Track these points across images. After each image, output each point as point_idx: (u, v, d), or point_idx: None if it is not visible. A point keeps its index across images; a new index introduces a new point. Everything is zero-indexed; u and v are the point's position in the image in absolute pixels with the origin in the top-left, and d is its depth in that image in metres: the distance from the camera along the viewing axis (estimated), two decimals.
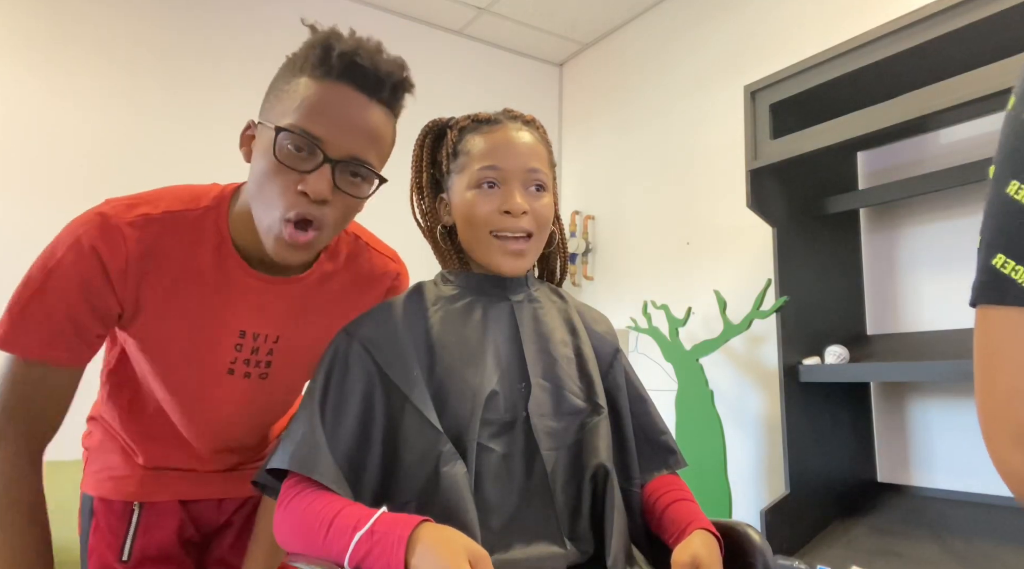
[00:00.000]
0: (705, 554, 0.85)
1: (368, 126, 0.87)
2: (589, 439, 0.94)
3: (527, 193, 0.96)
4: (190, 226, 0.93)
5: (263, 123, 0.89)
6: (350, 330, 0.95)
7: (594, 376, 1.00)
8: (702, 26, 2.81)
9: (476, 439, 0.87)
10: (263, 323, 1.00)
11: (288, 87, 0.87)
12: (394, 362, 0.91)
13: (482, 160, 0.95)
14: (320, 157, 0.84)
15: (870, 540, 1.82)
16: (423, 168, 1.04)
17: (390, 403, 0.89)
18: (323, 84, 0.85)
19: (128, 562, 1.07)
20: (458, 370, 0.91)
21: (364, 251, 1.08)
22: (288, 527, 0.84)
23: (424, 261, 1.18)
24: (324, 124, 0.84)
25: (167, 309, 0.94)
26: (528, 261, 0.98)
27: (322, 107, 0.84)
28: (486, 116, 1.01)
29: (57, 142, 2.31)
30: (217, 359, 0.99)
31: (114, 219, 0.89)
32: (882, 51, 1.72)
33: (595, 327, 1.08)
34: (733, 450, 2.29)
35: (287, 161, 0.84)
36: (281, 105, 0.86)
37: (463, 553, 0.71)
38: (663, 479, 1.03)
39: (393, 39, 3.34)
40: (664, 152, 2.92)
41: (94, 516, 1.09)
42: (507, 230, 0.94)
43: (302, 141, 0.84)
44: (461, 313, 0.97)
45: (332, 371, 0.92)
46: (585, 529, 0.91)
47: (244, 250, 0.96)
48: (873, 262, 2.17)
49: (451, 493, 0.83)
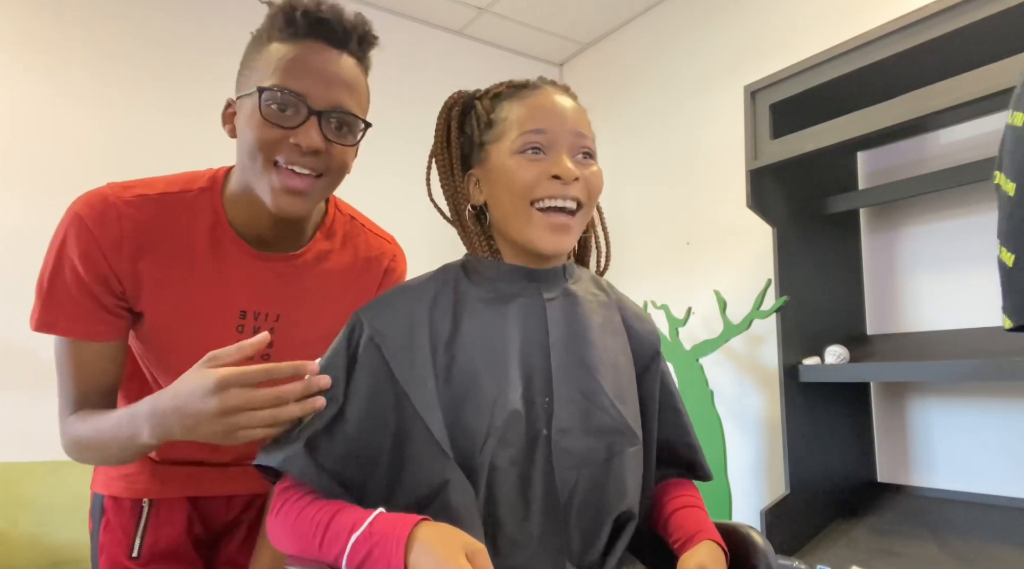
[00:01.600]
0: (711, 565, 0.84)
1: (344, 76, 0.90)
2: (617, 473, 0.87)
3: (575, 160, 0.87)
4: (186, 206, 0.96)
5: (243, 95, 0.91)
6: (364, 317, 0.86)
7: (629, 395, 0.92)
8: (702, 26, 2.81)
9: (488, 462, 0.81)
10: (262, 302, 1.01)
11: (260, 56, 0.90)
12: (404, 360, 0.83)
13: (524, 124, 0.86)
14: (305, 111, 0.87)
15: (870, 540, 1.82)
16: (450, 143, 0.93)
17: (399, 410, 0.83)
18: (294, 44, 0.88)
19: (138, 559, 1.07)
20: (476, 376, 0.83)
21: (361, 232, 1.10)
22: (283, 531, 0.81)
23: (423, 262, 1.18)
24: (304, 79, 0.87)
25: (166, 289, 0.96)
26: (572, 239, 0.88)
27: (298, 64, 0.87)
28: (522, 81, 0.93)
29: (57, 141, 2.31)
30: (219, 342, 0.99)
31: (111, 197, 0.93)
32: (882, 51, 1.72)
33: (637, 325, 1.01)
34: (733, 450, 2.29)
35: (274, 119, 0.87)
36: (257, 73, 0.89)
37: (460, 548, 0.70)
38: (677, 482, 1.01)
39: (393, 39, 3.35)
40: (664, 152, 2.92)
41: (104, 514, 1.10)
42: (556, 197, 0.85)
43: (286, 98, 0.87)
44: (485, 310, 0.88)
45: (340, 366, 0.86)
46: (594, 562, 0.88)
47: (240, 228, 0.98)
48: (873, 262, 2.17)
49: (458, 521, 0.78)
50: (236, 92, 0.94)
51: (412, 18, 3.14)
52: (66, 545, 1.78)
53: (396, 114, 2.97)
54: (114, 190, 0.94)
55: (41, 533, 1.78)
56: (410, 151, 1.08)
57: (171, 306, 0.96)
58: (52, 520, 1.79)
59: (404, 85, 3.06)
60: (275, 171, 0.89)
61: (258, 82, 0.88)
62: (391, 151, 2.83)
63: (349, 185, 1.49)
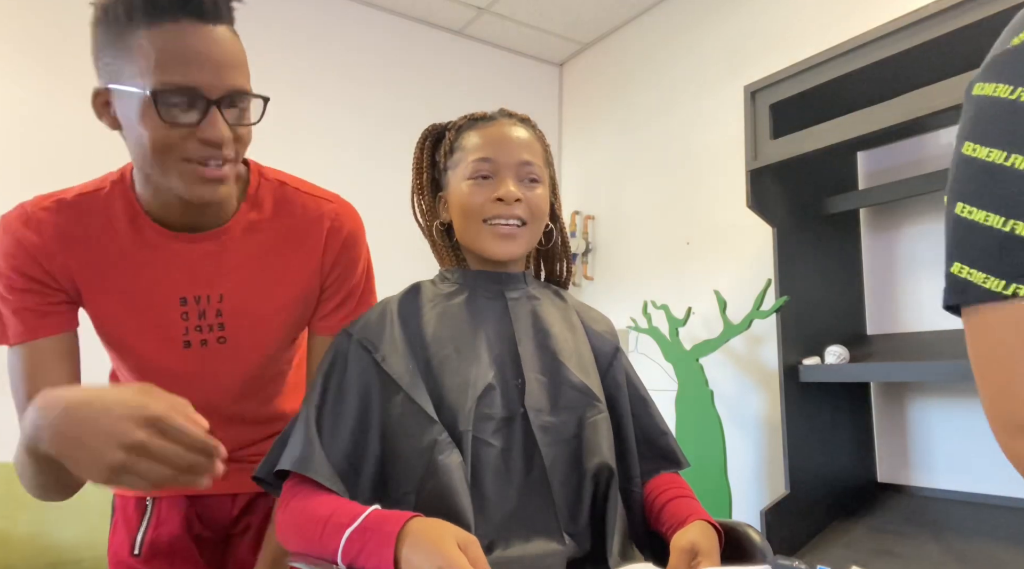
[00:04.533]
0: (703, 541, 0.86)
1: (227, 54, 0.85)
2: (590, 436, 0.94)
3: (521, 184, 0.98)
4: (102, 203, 0.96)
5: (118, 88, 0.85)
6: (349, 330, 0.97)
7: (591, 372, 1.00)
8: (702, 26, 2.81)
9: (471, 429, 0.88)
10: (199, 285, 1.00)
11: (128, 44, 0.82)
12: (391, 358, 0.93)
13: (476, 152, 0.99)
14: (203, 103, 0.84)
15: (870, 540, 1.82)
16: (423, 169, 1.07)
17: (387, 398, 0.91)
18: (163, 28, 0.81)
19: (139, 556, 1.09)
20: (453, 364, 0.93)
21: (292, 196, 1.05)
22: (288, 527, 0.86)
23: (427, 263, 1.18)
24: (191, 69, 0.82)
25: (102, 288, 0.96)
26: (519, 246, 0.99)
27: (179, 53, 0.81)
28: (482, 114, 1.05)
29: (57, 141, 2.32)
30: (168, 333, 1.00)
31: (30, 207, 0.94)
32: (882, 51, 1.72)
33: (595, 326, 1.08)
34: (733, 450, 2.29)
35: (173, 119, 0.83)
36: (130, 65, 0.83)
37: (451, 539, 0.73)
38: (664, 477, 1.04)
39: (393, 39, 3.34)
40: (664, 152, 2.92)
41: (115, 512, 1.14)
42: (501, 216, 0.96)
43: (180, 97, 0.82)
44: (457, 309, 0.98)
45: (331, 371, 0.94)
46: (584, 525, 0.92)
47: (157, 215, 0.97)
48: (873, 262, 2.17)
49: (446, 481, 0.84)
50: (102, 80, 0.87)
51: (412, 18, 3.14)
52: (66, 545, 1.78)
53: (396, 114, 2.98)
54: (34, 200, 0.95)
55: (41, 533, 1.78)
56: (410, 150, 1.09)
57: (111, 303, 0.97)
58: (52, 520, 1.79)
59: (404, 85, 3.06)
60: (186, 164, 0.86)
61: (135, 75, 0.82)
62: (391, 150, 2.83)
63: (350, 183, 1.50)
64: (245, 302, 1.02)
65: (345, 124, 2.90)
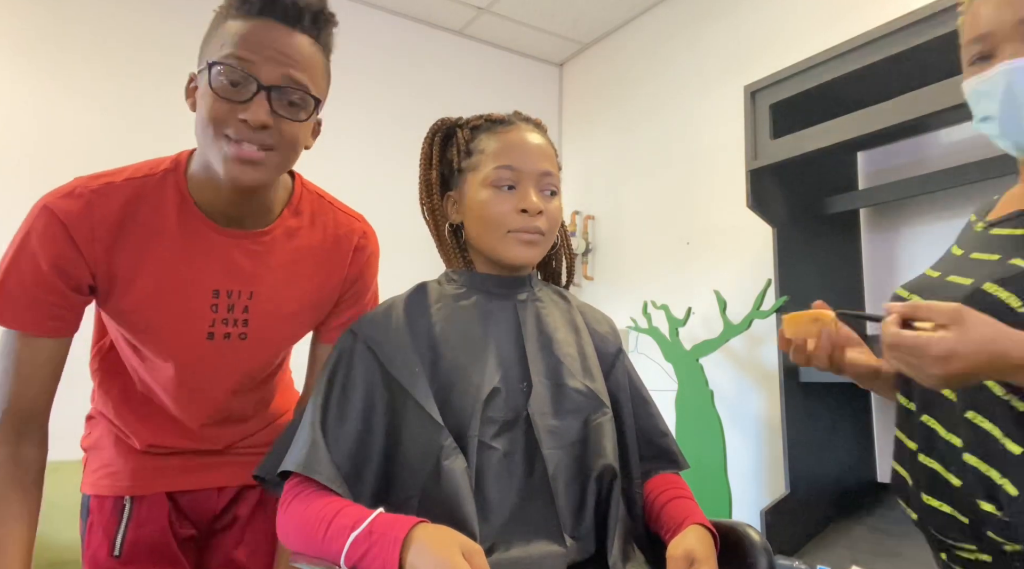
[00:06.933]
0: (699, 548, 0.86)
1: (294, 52, 0.91)
2: (595, 438, 0.94)
3: (541, 195, 0.99)
4: (152, 190, 0.97)
5: (201, 70, 0.92)
6: (355, 329, 0.97)
7: (596, 375, 1.00)
8: (702, 26, 2.81)
9: (477, 435, 0.88)
10: (234, 280, 1.01)
11: (217, 33, 0.92)
12: (396, 359, 0.92)
13: (497, 159, 0.98)
14: (255, 86, 0.88)
15: (870, 540, 1.82)
16: (432, 165, 1.05)
17: (392, 399, 0.91)
18: (247, 21, 0.90)
19: (120, 557, 1.07)
20: (461, 367, 0.92)
21: (329, 209, 1.11)
22: (289, 527, 0.85)
23: (427, 263, 1.18)
24: (253, 53, 0.88)
25: (140, 275, 0.97)
26: (539, 252, 1.00)
27: (249, 39, 0.89)
28: (499, 117, 1.04)
29: (58, 140, 2.31)
30: (195, 323, 1.01)
31: (79, 189, 0.94)
32: (882, 51, 1.72)
33: (597, 327, 1.08)
34: (733, 450, 2.29)
35: (224, 93, 0.88)
36: (212, 48, 0.91)
37: (457, 548, 0.73)
38: (663, 478, 1.04)
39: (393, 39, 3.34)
40: (664, 152, 2.92)
41: (90, 514, 1.11)
42: (524, 228, 0.96)
43: (235, 74, 0.88)
44: (464, 311, 0.98)
45: (336, 371, 0.94)
46: (588, 528, 0.92)
47: (205, 207, 0.99)
48: (873, 262, 2.16)
49: (451, 487, 0.84)
50: (197, 67, 0.95)
51: (412, 18, 3.14)
52: (66, 545, 1.78)
53: (396, 114, 2.98)
54: (81, 182, 0.96)
55: (41, 533, 1.78)
56: (411, 150, 1.09)
57: (146, 288, 0.97)
58: (52, 520, 1.78)
59: (404, 85, 3.06)
60: (226, 142, 0.90)
61: (211, 56, 0.90)
62: (391, 150, 2.83)
63: (351, 182, 1.50)
64: (271, 302, 1.05)
65: (345, 124, 2.90)
